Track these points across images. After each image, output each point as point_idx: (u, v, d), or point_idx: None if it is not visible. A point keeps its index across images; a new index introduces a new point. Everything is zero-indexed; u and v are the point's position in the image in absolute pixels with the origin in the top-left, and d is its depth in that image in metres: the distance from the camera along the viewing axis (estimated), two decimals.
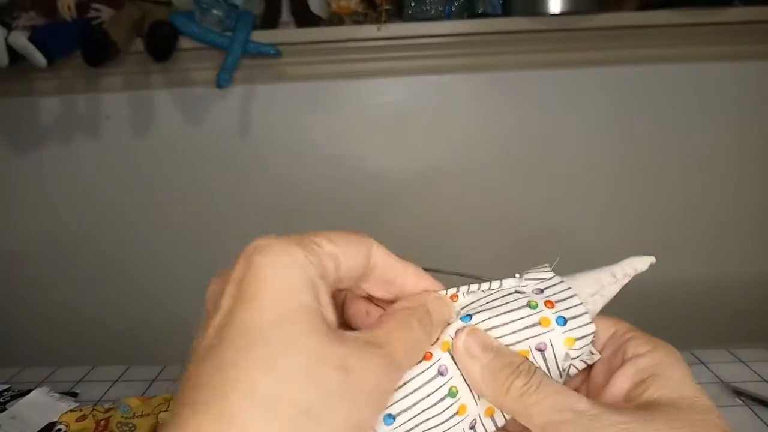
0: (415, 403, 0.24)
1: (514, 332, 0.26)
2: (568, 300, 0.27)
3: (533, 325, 0.26)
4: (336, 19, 1.19)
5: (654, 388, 0.24)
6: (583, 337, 0.26)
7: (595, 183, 1.32)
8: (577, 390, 0.29)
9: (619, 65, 1.24)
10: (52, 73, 1.21)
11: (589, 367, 0.29)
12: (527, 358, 0.26)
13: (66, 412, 0.66)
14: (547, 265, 0.29)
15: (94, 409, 0.66)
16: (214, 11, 1.13)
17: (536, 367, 0.25)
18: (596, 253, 0.87)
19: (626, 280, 0.29)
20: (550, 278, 0.28)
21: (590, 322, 0.26)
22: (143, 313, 1.40)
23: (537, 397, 0.24)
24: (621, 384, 0.26)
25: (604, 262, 0.29)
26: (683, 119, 1.27)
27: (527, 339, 0.26)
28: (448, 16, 1.17)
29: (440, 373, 0.25)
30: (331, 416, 0.19)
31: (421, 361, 0.25)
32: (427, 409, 0.25)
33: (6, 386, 0.73)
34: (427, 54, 1.22)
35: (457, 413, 0.25)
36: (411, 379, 0.25)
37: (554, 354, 0.26)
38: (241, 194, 1.34)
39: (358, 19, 1.19)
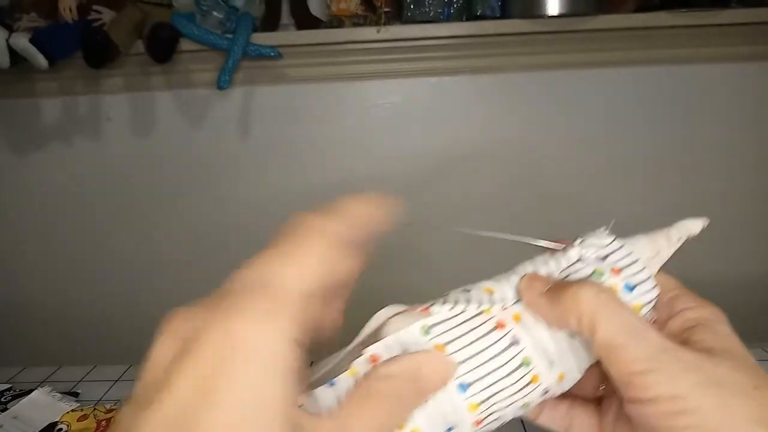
0: (489, 373, 0.25)
1: None
2: (632, 266, 0.27)
3: None
4: (336, 21, 1.20)
5: (703, 335, 0.25)
6: (649, 302, 0.27)
7: (593, 184, 1.32)
8: None
9: (617, 67, 1.25)
10: (53, 74, 1.21)
11: None
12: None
13: (67, 412, 0.66)
14: (605, 228, 0.29)
15: (95, 409, 0.67)
16: (215, 13, 1.14)
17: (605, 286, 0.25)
18: None
19: (680, 244, 0.29)
20: (610, 243, 0.28)
21: (655, 286, 0.27)
22: (144, 313, 1.40)
23: (607, 314, 0.24)
24: (670, 329, 0.26)
25: None
26: (682, 120, 1.27)
27: None
28: (447, 18, 1.17)
29: (513, 343, 0.25)
30: None
31: (493, 330, 0.25)
32: (501, 379, 0.25)
33: (7, 386, 0.73)
34: (427, 56, 1.23)
35: (530, 382, 0.26)
36: (484, 349, 0.25)
37: None
38: (241, 195, 1.35)
39: (358, 21, 1.20)
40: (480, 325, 0.25)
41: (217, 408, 0.17)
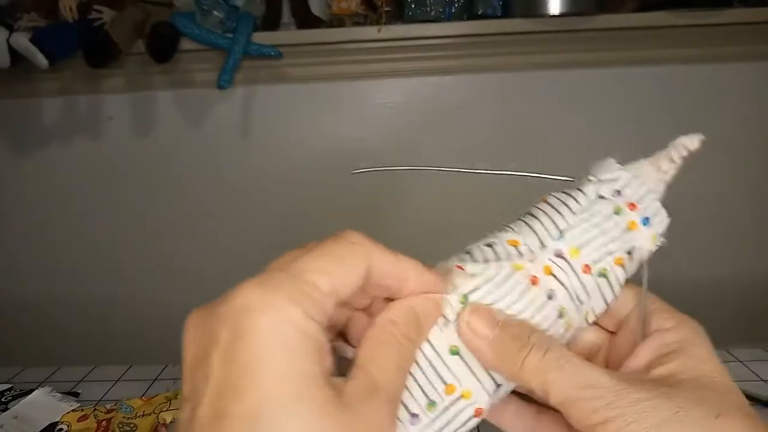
0: None
1: (611, 241, 0.27)
2: (646, 198, 0.28)
3: (624, 232, 0.27)
4: (336, 20, 1.20)
5: (676, 363, 0.24)
6: (663, 230, 0.27)
7: None
8: (597, 353, 0.29)
9: (618, 66, 1.24)
10: (53, 74, 1.21)
11: (612, 333, 0.30)
12: (537, 329, 0.25)
13: (68, 412, 0.66)
14: (612, 159, 0.29)
15: (95, 409, 0.67)
16: (215, 13, 1.14)
17: (549, 337, 0.25)
18: None
19: (681, 162, 0.29)
20: (622, 175, 0.28)
21: (666, 215, 0.28)
22: (144, 313, 1.41)
23: (555, 374, 0.23)
24: (644, 355, 0.26)
25: None
26: (684, 120, 1.27)
27: (621, 246, 0.27)
28: (448, 17, 1.17)
29: (549, 298, 0.26)
30: None
31: (529, 289, 0.26)
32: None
33: (8, 386, 0.73)
34: (428, 55, 1.23)
35: (565, 330, 0.26)
36: (524, 310, 0.25)
37: (641, 253, 0.27)
38: (242, 194, 1.35)
39: (359, 20, 1.19)
40: (516, 286, 0.26)
41: (242, 397, 0.18)
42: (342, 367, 0.22)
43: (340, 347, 0.26)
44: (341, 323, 0.27)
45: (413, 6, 1.15)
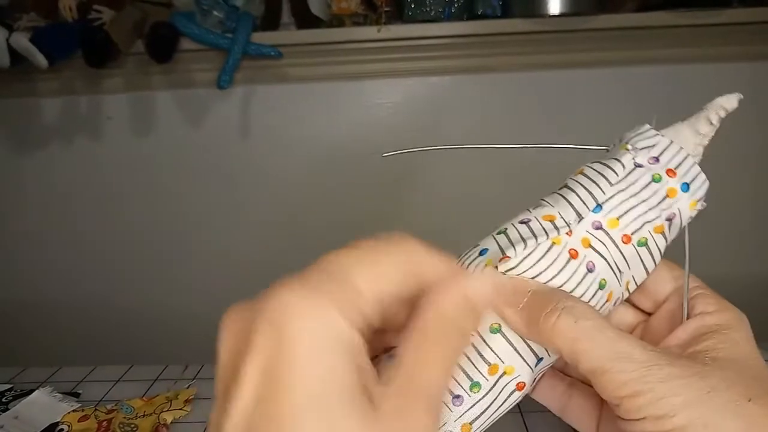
0: None
1: (650, 209, 0.27)
2: (684, 163, 0.28)
3: (663, 199, 0.27)
4: (336, 20, 1.20)
5: (713, 342, 0.24)
6: (703, 195, 0.28)
7: None
8: (631, 333, 0.29)
9: (618, 67, 1.24)
10: (53, 74, 1.21)
11: (649, 315, 0.29)
12: (572, 296, 0.25)
13: (68, 413, 0.66)
14: (648, 125, 0.29)
15: (96, 409, 0.67)
16: (215, 12, 1.14)
17: (587, 306, 0.25)
18: None
19: (719, 124, 0.29)
20: (659, 141, 0.28)
21: (705, 179, 0.28)
22: (145, 313, 1.41)
23: (587, 343, 0.23)
24: (681, 335, 0.26)
25: None
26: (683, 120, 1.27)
27: (661, 213, 0.27)
28: (448, 17, 1.17)
29: (589, 270, 0.26)
30: None
31: (569, 262, 0.25)
32: None
33: (8, 386, 0.73)
34: (427, 55, 1.23)
35: (606, 301, 0.26)
36: (564, 283, 0.25)
37: (680, 219, 0.27)
38: (242, 195, 1.35)
39: (358, 20, 1.19)
40: (555, 260, 0.25)
41: (287, 400, 0.17)
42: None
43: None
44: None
45: (413, 6, 1.15)
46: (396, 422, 0.18)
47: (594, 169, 0.28)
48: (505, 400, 0.25)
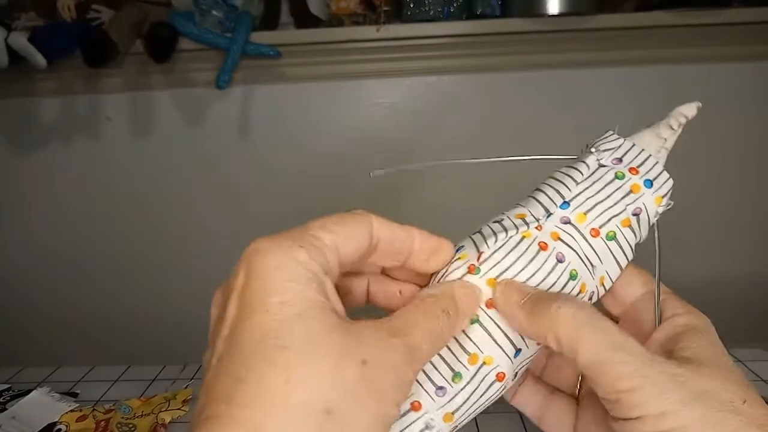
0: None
1: (615, 204, 0.28)
2: (646, 162, 0.29)
3: (627, 194, 0.28)
4: (335, 20, 1.20)
5: (691, 342, 0.25)
6: (667, 192, 0.29)
7: None
8: None
9: (617, 66, 1.24)
10: (52, 74, 1.21)
11: (616, 320, 0.30)
12: (568, 295, 0.26)
13: (66, 412, 0.66)
14: (611, 131, 0.31)
15: (94, 410, 0.66)
16: (214, 12, 1.14)
17: (579, 299, 0.26)
18: None
19: (680, 130, 0.31)
20: (621, 144, 0.30)
21: (669, 177, 0.29)
22: (143, 313, 1.40)
23: (587, 331, 0.23)
24: (658, 336, 0.26)
25: None
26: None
27: (626, 208, 0.28)
28: (447, 17, 1.17)
29: (558, 261, 0.27)
30: (356, 413, 0.19)
31: (538, 254, 0.27)
32: None
33: (6, 386, 0.73)
34: (426, 55, 1.23)
35: (579, 292, 0.27)
36: (534, 273, 0.26)
37: (647, 215, 0.28)
38: (241, 194, 1.35)
39: (358, 20, 1.19)
40: (525, 251, 0.27)
41: (250, 321, 0.20)
42: None
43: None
44: (360, 293, 0.29)
45: (412, 6, 1.15)
46: (367, 340, 0.20)
47: (561, 172, 0.30)
48: (486, 390, 0.25)
